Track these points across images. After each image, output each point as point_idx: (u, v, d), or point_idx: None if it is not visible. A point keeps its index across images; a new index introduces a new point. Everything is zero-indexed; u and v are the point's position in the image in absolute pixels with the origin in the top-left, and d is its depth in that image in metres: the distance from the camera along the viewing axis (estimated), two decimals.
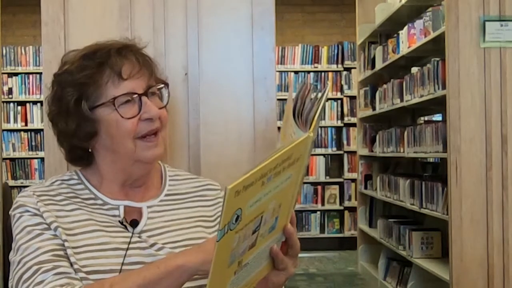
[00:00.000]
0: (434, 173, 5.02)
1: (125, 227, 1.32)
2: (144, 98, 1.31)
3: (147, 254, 1.29)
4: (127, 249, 1.28)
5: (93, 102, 1.31)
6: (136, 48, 1.37)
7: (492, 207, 3.34)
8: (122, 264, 1.26)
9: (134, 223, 1.33)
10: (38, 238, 1.26)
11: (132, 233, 1.31)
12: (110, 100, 1.30)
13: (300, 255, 1.19)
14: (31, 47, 7.30)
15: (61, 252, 1.24)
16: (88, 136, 1.33)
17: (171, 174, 1.47)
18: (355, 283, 5.82)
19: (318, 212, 7.40)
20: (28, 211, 1.29)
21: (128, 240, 1.29)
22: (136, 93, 1.31)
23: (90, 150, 1.36)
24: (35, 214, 1.28)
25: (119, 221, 1.32)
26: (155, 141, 1.33)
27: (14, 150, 7.22)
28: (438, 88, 3.89)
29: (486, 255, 3.34)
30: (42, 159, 6.66)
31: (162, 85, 1.38)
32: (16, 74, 7.26)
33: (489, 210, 3.35)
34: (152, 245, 1.31)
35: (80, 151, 1.37)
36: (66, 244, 1.25)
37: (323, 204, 7.40)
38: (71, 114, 1.32)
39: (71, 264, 1.24)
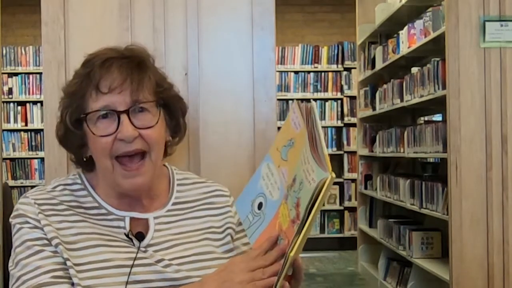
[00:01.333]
0: (434, 173, 5.02)
1: (131, 240, 1.27)
2: (122, 116, 1.23)
3: (153, 271, 1.24)
4: (132, 266, 1.23)
5: (77, 114, 1.27)
6: (126, 60, 1.27)
7: (492, 207, 3.34)
8: (127, 283, 1.21)
9: (140, 237, 1.27)
10: (38, 256, 1.21)
11: (139, 248, 1.26)
12: (82, 116, 1.25)
13: (300, 255, 1.21)
14: (31, 47, 7.30)
15: (61, 273, 1.20)
16: (75, 146, 1.30)
17: (179, 177, 1.41)
18: (355, 283, 5.82)
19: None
20: (28, 222, 1.24)
21: (132, 255, 1.24)
22: (113, 110, 1.23)
23: (84, 159, 1.32)
24: (36, 227, 1.23)
25: (124, 233, 1.27)
26: (136, 169, 1.24)
27: (14, 150, 7.22)
28: (438, 88, 3.89)
29: (486, 255, 3.34)
30: (42, 159, 6.66)
31: (154, 100, 1.28)
32: (16, 74, 7.26)
33: (489, 210, 3.35)
34: (158, 261, 1.25)
35: (78, 158, 1.33)
36: (68, 263, 1.21)
37: (323, 204, 7.39)
38: (61, 122, 1.30)
39: (73, 284, 1.20)
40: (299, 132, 1.14)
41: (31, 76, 7.26)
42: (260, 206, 1.21)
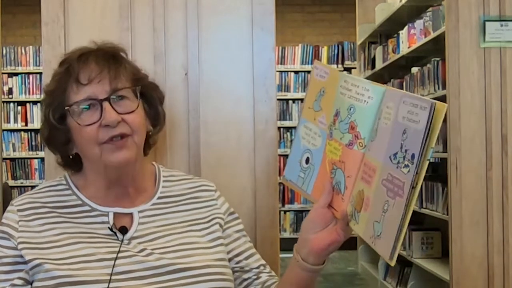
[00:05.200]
0: (434, 173, 5.02)
1: (115, 233, 1.30)
2: (104, 104, 1.28)
3: (135, 261, 1.27)
4: (116, 258, 1.26)
5: (61, 109, 1.31)
6: (101, 52, 1.33)
7: (492, 207, 3.34)
8: (111, 274, 1.24)
9: (124, 230, 1.31)
10: None
11: (122, 241, 1.29)
12: (66, 108, 1.29)
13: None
14: (31, 47, 7.30)
15: None
16: (61, 144, 1.33)
17: (165, 174, 1.44)
18: (355, 283, 5.82)
19: None
20: (4, 232, 1.30)
21: (115, 249, 1.28)
22: (95, 99, 1.28)
23: (70, 157, 1.35)
24: (8, 239, 1.29)
25: (108, 227, 1.31)
26: (120, 144, 1.29)
27: (14, 150, 7.22)
28: (438, 88, 3.90)
29: (486, 255, 3.34)
30: (42, 159, 6.66)
31: (132, 87, 1.33)
32: (16, 74, 7.26)
33: (489, 210, 3.35)
34: (140, 251, 1.29)
35: (66, 158, 1.37)
36: (41, 261, 1.25)
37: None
38: (45, 122, 1.34)
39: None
40: (328, 78, 1.28)
41: (31, 76, 7.26)
42: (307, 160, 1.31)
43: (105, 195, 1.35)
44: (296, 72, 7.50)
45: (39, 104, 7.20)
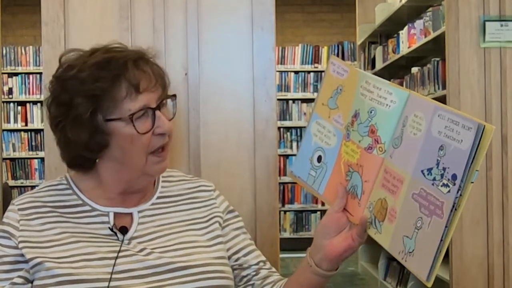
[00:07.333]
0: None
1: (115, 233, 1.31)
2: (157, 112, 1.29)
3: (135, 260, 1.28)
4: (116, 257, 1.27)
5: (107, 115, 1.27)
6: (149, 59, 1.34)
7: (492, 207, 3.34)
8: (112, 273, 1.25)
9: (124, 230, 1.31)
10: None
11: (122, 241, 1.30)
12: (129, 116, 1.26)
13: (300, 255, 1.22)
14: (31, 47, 7.30)
15: None
16: (98, 148, 1.29)
17: (164, 175, 1.45)
18: (355, 283, 5.82)
19: (318, 212, 7.40)
20: (4, 231, 1.30)
21: (115, 249, 1.28)
22: (150, 107, 1.28)
23: (97, 160, 1.33)
24: (9, 238, 1.29)
25: (109, 227, 1.31)
26: (164, 155, 1.32)
27: (14, 150, 7.22)
28: (438, 88, 3.89)
29: (486, 255, 3.34)
30: (42, 159, 6.66)
31: (171, 96, 1.35)
32: (16, 74, 7.26)
33: (489, 210, 3.35)
34: (140, 251, 1.30)
35: (83, 160, 1.33)
36: (41, 260, 1.25)
37: (323, 204, 7.40)
38: (84, 125, 1.27)
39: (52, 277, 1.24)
40: (347, 76, 1.24)
41: (31, 76, 7.26)
42: (319, 159, 1.28)
43: (113, 197, 1.35)
44: (296, 72, 7.50)
45: (39, 104, 7.20)
